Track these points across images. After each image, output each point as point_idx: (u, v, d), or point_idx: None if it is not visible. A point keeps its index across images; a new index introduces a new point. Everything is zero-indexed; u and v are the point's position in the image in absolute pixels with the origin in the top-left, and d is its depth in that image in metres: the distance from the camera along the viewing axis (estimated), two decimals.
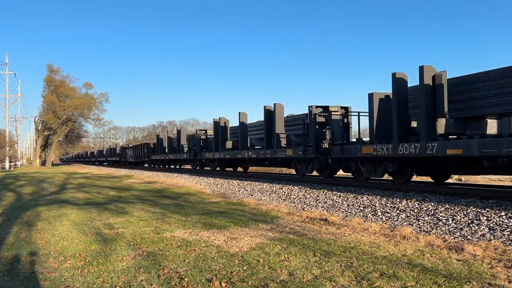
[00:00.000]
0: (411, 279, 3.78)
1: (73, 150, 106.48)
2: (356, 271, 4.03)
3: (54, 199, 11.82)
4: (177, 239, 5.73)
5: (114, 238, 5.91)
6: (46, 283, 3.98)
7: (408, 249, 4.96)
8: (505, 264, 4.26)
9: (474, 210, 6.74)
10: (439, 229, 6.21)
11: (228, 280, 3.84)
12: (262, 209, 8.76)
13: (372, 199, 8.69)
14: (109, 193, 13.45)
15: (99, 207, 9.53)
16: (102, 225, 7.10)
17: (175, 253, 4.93)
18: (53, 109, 53.50)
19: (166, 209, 8.97)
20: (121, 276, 4.08)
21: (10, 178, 24.10)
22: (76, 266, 4.51)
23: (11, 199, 12.02)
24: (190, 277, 3.95)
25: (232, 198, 11.17)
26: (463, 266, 4.18)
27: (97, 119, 59.33)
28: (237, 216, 7.82)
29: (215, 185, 14.84)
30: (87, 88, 58.81)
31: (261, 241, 5.44)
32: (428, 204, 7.58)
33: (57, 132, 57.57)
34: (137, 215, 8.20)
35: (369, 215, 7.67)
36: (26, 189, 15.49)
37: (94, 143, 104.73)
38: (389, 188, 9.59)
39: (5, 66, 49.31)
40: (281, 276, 3.95)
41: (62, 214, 8.60)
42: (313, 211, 8.35)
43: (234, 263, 4.43)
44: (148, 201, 10.85)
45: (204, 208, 9.06)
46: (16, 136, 60.39)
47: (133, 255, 4.88)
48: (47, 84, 56.67)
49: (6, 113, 49.91)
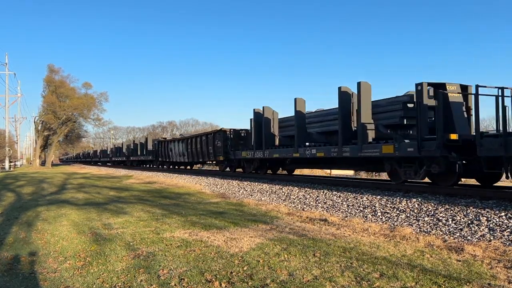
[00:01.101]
0: (411, 279, 3.78)
1: (73, 150, 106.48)
2: (356, 272, 4.03)
3: (54, 199, 11.81)
4: (176, 239, 5.73)
5: (113, 238, 5.91)
6: (46, 283, 3.98)
7: (408, 249, 4.96)
8: (505, 264, 4.26)
9: (474, 210, 6.74)
10: (439, 229, 6.21)
11: (228, 281, 3.84)
12: (262, 210, 8.76)
13: (372, 200, 8.70)
14: (109, 193, 13.45)
15: (99, 207, 9.52)
16: (102, 225, 7.10)
17: (174, 253, 4.92)
18: (53, 109, 53.51)
19: (165, 209, 8.96)
20: (121, 276, 4.07)
21: (10, 178, 24.09)
22: (76, 266, 4.50)
23: (11, 199, 12.02)
24: (190, 277, 3.95)
25: (232, 199, 11.17)
26: (463, 267, 4.18)
27: (97, 119, 59.34)
28: (237, 216, 7.82)
29: (215, 186, 14.84)
30: (86, 88, 58.83)
31: (261, 242, 5.44)
32: (428, 204, 7.59)
33: (57, 132, 57.56)
34: (136, 215, 8.20)
35: (369, 215, 7.67)
36: (25, 189, 15.48)
37: (94, 143, 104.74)
38: (389, 188, 9.59)
39: (5, 66, 49.34)
40: (281, 276, 3.94)
41: (61, 214, 8.59)
42: (313, 212, 8.35)
43: (234, 263, 4.43)
44: (148, 201, 10.84)
45: (204, 209, 9.06)
46: (16, 136, 60.36)
47: (133, 255, 4.88)
48: (47, 84, 56.67)
49: (6, 113, 49.94)
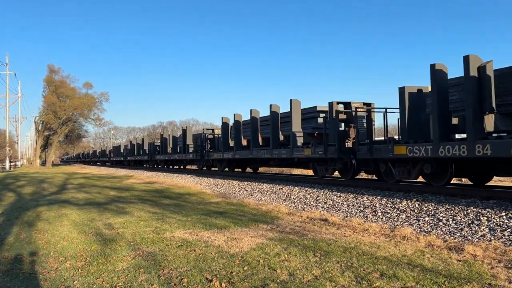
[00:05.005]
0: (411, 279, 3.78)
1: (73, 150, 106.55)
2: (356, 272, 4.03)
3: (54, 199, 11.82)
4: (177, 239, 5.73)
5: (114, 238, 5.91)
6: (46, 283, 3.98)
7: (408, 249, 4.96)
8: (505, 264, 4.25)
9: (474, 210, 6.74)
10: (439, 229, 6.21)
11: (228, 281, 3.84)
12: (262, 210, 8.75)
13: (372, 200, 8.69)
14: (109, 193, 13.45)
15: (99, 207, 9.53)
16: (102, 225, 7.10)
17: (175, 253, 4.92)
18: (53, 109, 53.58)
19: (166, 209, 8.97)
20: (121, 276, 4.07)
21: (10, 178, 24.11)
22: (76, 266, 4.51)
23: (11, 199, 12.03)
24: (190, 277, 3.95)
25: (232, 199, 11.17)
26: (463, 267, 4.18)
27: (97, 119, 59.47)
28: (237, 216, 7.82)
29: (215, 186, 14.84)
30: (87, 88, 58.95)
31: (261, 242, 5.44)
32: (428, 204, 7.58)
33: (57, 132, 57.63)
34: (137, 215, 8.20)
35: (369, 215, 7.67)
36: (26, 189, 15.49)
37: (94, 143, 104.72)
38: (389, 188, 9.58)
39: (5, 66, 49.38)
40: (281, 276, 3.94)
41: (62, 214, 8.60)
42: (313, 212, 8.35)
43: (234, 263, 4.43)
44: (148, 201, 10.85)
45: (204, 209, 9.06)
46: (16, 136, 60.43)
47: (133, 255, 4.88)
48: (47, 84, 56.74)
49: (6, 113, 50.00)
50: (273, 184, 13.17)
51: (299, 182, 12.88)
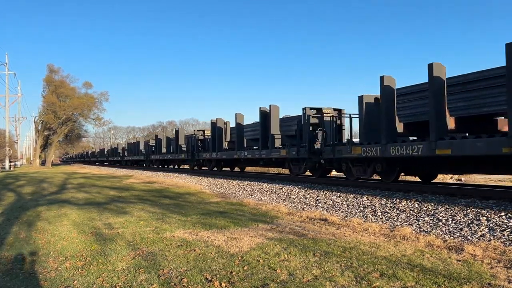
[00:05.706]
0: (411, 279, 3.78)
1: (73, 150, 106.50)
2: (355, 271, 4.03)
3: (54, 199, 11.82)
4: (177, 239, 5.73)
5: (114, 238, 5.91)
6: (46, 283, 3.98)
7: (408, 249, 4.96)
8: (505, 264, 4.26)
9: (474, 210, 6.74)
10: (439, 229, 6.21)
11: (228, 280, 3.84)
12: (262, 209, 8.76)
13: (372, 199, 8.70)
14: (109, 193, 13.45)
15: (99, 207, 9.53)
16: (102, 225, 7.10)
17: (175, 253, 4.93)
18: (53, 109, 53.56)
19: (166, 209, 8.97)
20: (121, 276, 4.08)
21: (10, 178, 24.10)
22: (76, 266, 4.51)
23: (11, 199, 12.02)
24: (190, 277, 3.95)
25: (232, 198, 11.17)
26: (463, 266, 4.18)
27: (97, 119, 59.44)
28: (237, 216, 7.82)
29: (215, 185, 14.84)
30: (86, 88, 58.94)
31: (261, 241, 5.44)
32: (428, 204, 7.59)
33: (57, 132, 57.61)
34: (137, 215, 8.20)
35: (369, 215, 7.67)
36: (26, 189, 15.49)
37: (94, 143, 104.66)
38: (389, 188, 9.59)
39: (5, 66, 49.33)
40: (281, 276, 3.95)
41: (62, 214, 8.60)
42: (313, 211, 8.35)
43: (234, 263, 4.43)
44: (148, 201, 10.85)
45: (204, 208, 9.06)
46: (16, 136, 60.33)
47: (133, 255, 4.88)
48: (47, 84, 56.71)
49: (6, 113, 49.93)
50: (273, 184, 13.18)
51: (299, 182, 12.88)
